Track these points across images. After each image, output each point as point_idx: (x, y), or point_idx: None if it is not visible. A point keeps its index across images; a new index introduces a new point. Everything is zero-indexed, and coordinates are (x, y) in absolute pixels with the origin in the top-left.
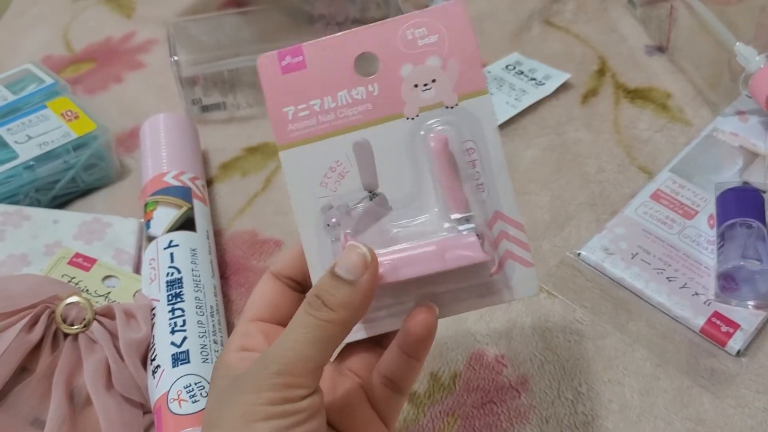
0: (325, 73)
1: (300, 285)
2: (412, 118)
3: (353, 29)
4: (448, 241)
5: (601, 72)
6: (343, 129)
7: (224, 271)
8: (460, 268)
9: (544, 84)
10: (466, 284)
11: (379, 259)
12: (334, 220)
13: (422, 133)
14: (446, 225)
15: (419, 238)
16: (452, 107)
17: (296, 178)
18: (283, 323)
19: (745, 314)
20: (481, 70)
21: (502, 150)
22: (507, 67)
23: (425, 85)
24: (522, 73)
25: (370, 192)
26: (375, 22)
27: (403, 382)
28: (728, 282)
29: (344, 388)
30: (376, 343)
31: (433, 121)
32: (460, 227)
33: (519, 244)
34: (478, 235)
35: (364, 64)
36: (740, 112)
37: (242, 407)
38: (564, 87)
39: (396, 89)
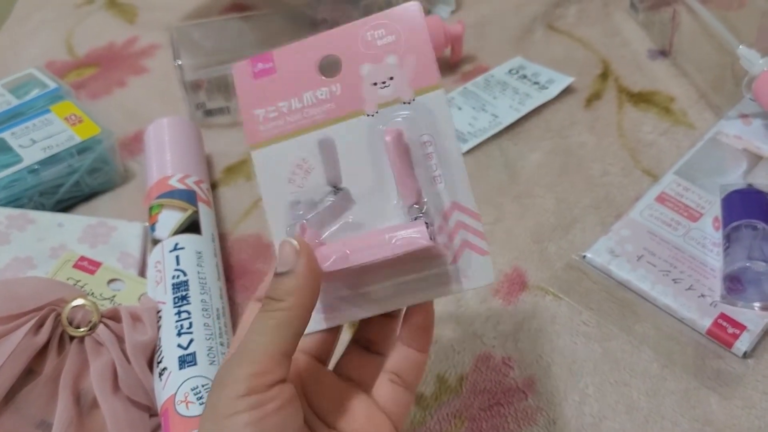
0: (293, 77)
1: None
2: (372, 115)
3: (317, 34)
4: (397, 228)
5: (605, 76)
6: (308, 128)
7: (229, 274)
8: (417, 257)
9: (547, 88)
10: (424, 274)
11: (331, 248)
12: (297, 219)
13: (381, 127)
14: (402, 214)
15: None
16: (409, 102)
17: (266, 176)
18: None
19: (752, 315)
20: (436, 66)
21: (456, 142)
22: (510, 71)
23: (383, 82)
24: (525, 77)
25: (334, 187)
26: None
27: (410, 376)
28: (734, 283)
29: (348, 394)
30: (365, 349)
31: (394, 115)
32: (411, 215)
33: (476, 234)
34: (427, 222)
35: (329, 66)
36: (743, 115)
37: (215, 406)
38: (567, 91)
39: (357, 88)
